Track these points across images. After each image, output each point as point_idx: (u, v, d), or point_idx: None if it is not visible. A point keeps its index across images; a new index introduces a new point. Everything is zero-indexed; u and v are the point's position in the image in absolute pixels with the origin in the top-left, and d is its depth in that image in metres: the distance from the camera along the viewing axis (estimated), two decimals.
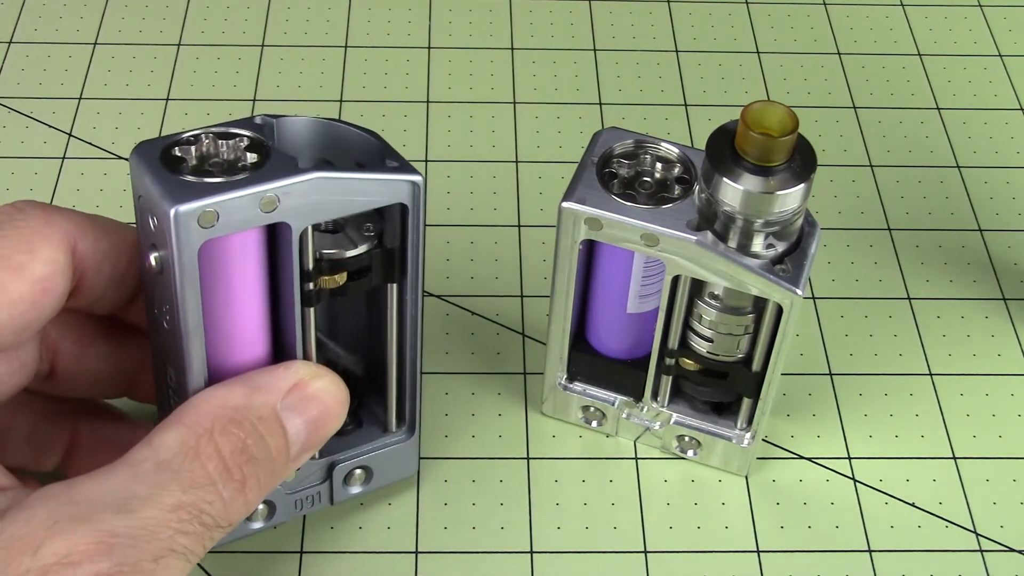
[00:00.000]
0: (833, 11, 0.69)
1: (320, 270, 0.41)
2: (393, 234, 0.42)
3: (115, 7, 0.67)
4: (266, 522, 0.46)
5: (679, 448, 0.50)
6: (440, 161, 0.60)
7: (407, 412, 0.46)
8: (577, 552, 0.47)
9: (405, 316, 0.44)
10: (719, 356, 0.46)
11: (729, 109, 0.63)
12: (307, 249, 0.40)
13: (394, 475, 0.48)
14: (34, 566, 0.34)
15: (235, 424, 0.38)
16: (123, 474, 0.36)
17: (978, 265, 0.57)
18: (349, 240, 0.42)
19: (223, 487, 0.37)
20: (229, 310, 0.40)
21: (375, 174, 0.40)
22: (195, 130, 0.39)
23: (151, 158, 0.38)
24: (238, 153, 0.39)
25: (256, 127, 0.40)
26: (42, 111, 0.62)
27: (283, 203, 0.38)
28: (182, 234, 0.37)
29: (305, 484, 0.46)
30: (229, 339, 0.41)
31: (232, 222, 0.38)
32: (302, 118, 0.42)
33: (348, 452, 0.46)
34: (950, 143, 0.63)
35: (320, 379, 0.41)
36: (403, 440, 0.47)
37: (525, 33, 0.67)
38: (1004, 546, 0.48)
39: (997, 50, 0.67)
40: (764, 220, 0.41)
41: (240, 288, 0.40)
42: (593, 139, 0.45)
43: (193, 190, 0.37)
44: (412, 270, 0.43)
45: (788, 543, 0.48)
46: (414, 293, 0.43)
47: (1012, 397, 0.53)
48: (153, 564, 0.35)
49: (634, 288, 0.46)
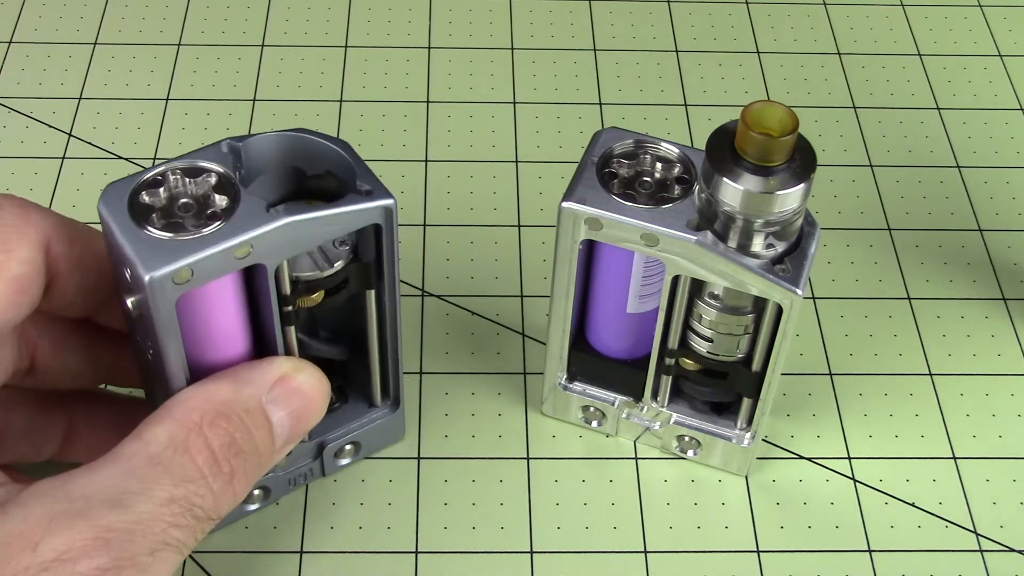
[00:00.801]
0: (833, 11, 0.69)
1: (297, 292, 0.42)
2: (368, 248, 0.42)
3: (115, 7, 0.67)
4: (262, 503, 0.47)
5: (679, 448, 0.50)
6: (440, 161, 0.60)
7: (391, 388, 0.48)
8: (577, 552, 0.47)
9: (384, 312, 0.45)
10: (719, 356, 0.46)
11: (729, 109, 0.63)
12: (283, 277, 0.41)
13: (381, 445, 0.49)
14: (33, 563, 0.34)
15: (223, 418, 0.39)
16: (115, 469, 0.37)
17: (978, 265, 0.57)
18: (323, 256, 0.42)
19: (213, 480, 0.38)
20: (212, 341, 0.41)
21: (346, 207, 0.40)
22: (161, 166, 0.40)
23: (119, 211, 0.38)
24: (207, 191, 0.39)
25: (223, 156, 0.40)
26: (42, 111, 0.62)
27: (256, 248, 0.39)
28: (158, 294, 0.38)
29: (297, 464, 0.47)
30: (213, 363, 0.41)
31: (206, 274, 0.38)
32: (269, 134, 0.42)
33: (337, 431, 0.47)
34: (950, 143, 0.63)
35: (302, 372, 0.42)
36: (389, 413, 0.48)
37: (525, 33, 0.67)
38: (1004, 546, 0.48)
39: (997, 50, 0.67)
40: (764, 220, 0.41)
41: (221, 322, 0.41)
42: (593, 139, 0.45)
43: (165, 250, 0.37)
44: (389, 275, 0.43)
45: (788, 543, 0.48)
46: (392, 293, 0.44)
47: (1012, 397, 0.53)
48: (149, 558, 0.36)
49: (634, 288, 0.46)
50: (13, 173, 0.59)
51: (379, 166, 0.60)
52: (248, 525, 0.47)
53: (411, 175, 0.60)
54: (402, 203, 0.58)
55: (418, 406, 0.51)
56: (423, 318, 0.54)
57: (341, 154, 0.41)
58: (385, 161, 0.60)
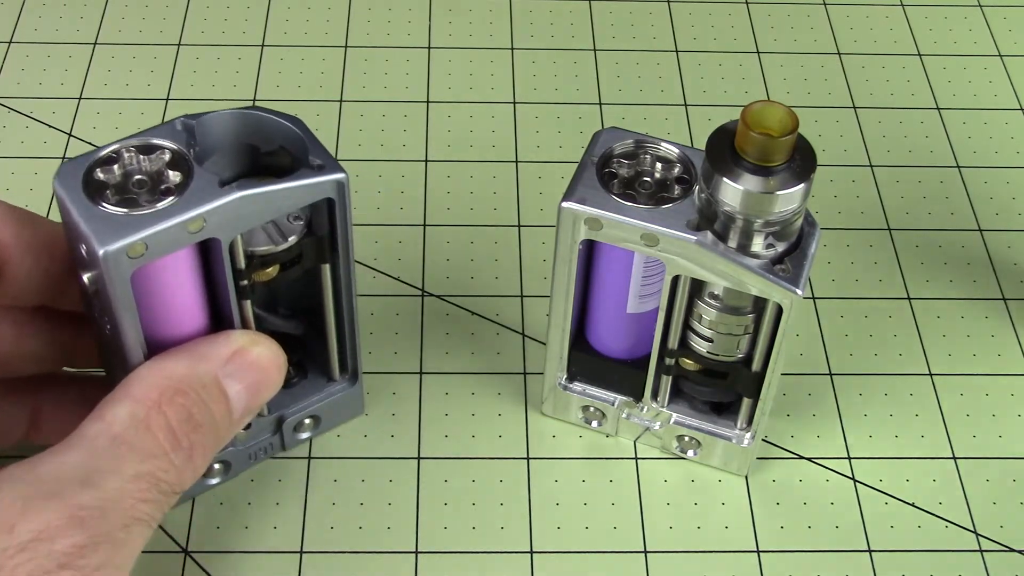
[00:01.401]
0: (833, 11, 0.69)
1: (252, 266, 0.42)
2: (322, 223, 0.43)
3: (115, 7, 0.67)
4: (223, 477, 0.48)
5: (679, 448, 0.50)
6: (440, 161, 0.60)
7: (349, 362, 0.48)
8: (577, 552, 0.47)
9: (340, 286, 0.45)
10: (719, 356, 0.46)
11: (729, 109, 0.63)
12: (237, 251, 0.41)
13: (340, 419, 0.50)
14: (12, 544, 0.35)
15: (180, 394, 0.40)
16: (81, 450, 0.38)
17: (978, 265, 0.57)
18: (278, 230, 0.43)
19: (174, 456, 0.39)
20: (168, 316, 0.42)
21: (298, 181, 0.41)
22: (115, 144, 0.40)
23: (74, 187, 0.39)
24: (161, 167, 0.40)
25: (176, 133, 0.41)
26: (42, 111, 0.62)
27: (210, 222, 0.39)
28: (112, 269, 0.38)
29: (257, 438, 0.48)
30: (170, 338, 0.42)
31: (161, 248, 0.39)
32: (222, 112, 0.42)
33: (296, 405, 0.48)
34: (950, 143, 0.63)
35: (258, 345, 0.42)
36: (347, 388, 0.49)
37: (525, 33, 0.67)
38: (1004, 546, 0.48)
39: (997, 50, 0.67)
40: (764, 220, 0.41)
41: (176, 296, 0.41)
42: (593, 139, 0.45)
43: (119, 225, 0.38)
44: (343, 249, 0.44)
45: (788, 543, 0.48)
46: (347, 267, 0.45)
47: (1012, 397, 0.53)
48: (123, 533, 0.37)
49: (634, 288, 0.46)
50: (13, 173, 0.59)
51: (379, 166, 0.60)
52: (248, 525, 0.47)
53: (411, 175, 0.60)
54: (402, 203, 0.58)
55: (418, 406, 0.51)
56: (423, 318, 0.54)
57: (294, 130, 0.42)
58: (385, 161, 0.60)
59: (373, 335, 0.53)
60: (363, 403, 0.50)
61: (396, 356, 0.53)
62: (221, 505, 0.48)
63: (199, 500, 0.48)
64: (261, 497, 0.48)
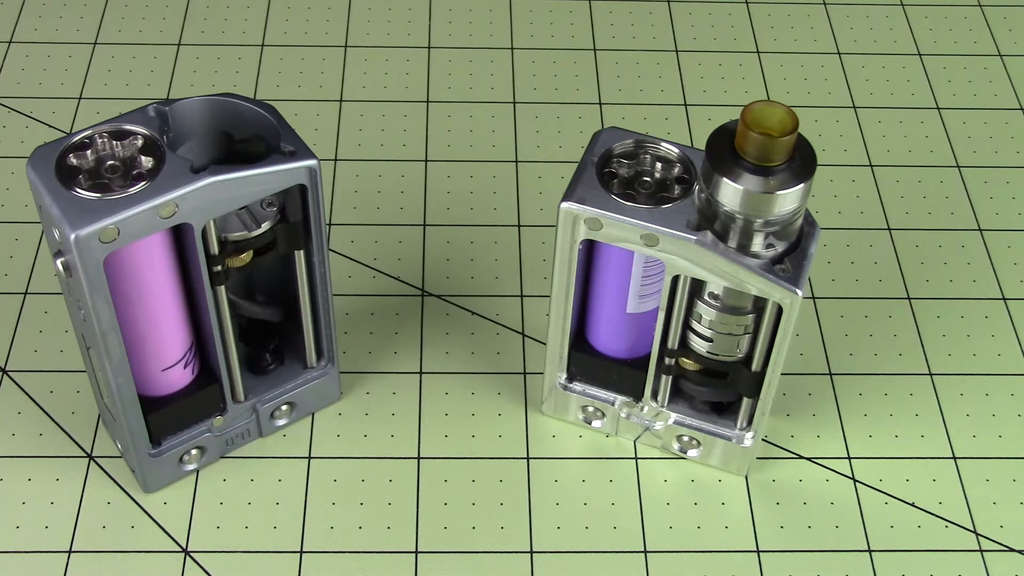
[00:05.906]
0: (833, 11, 0.69)
1: (226, 252, 0.43)
2: (295, 209, 0.43)
3: (115, 7, 0.67)
4: (199, 463, 0.48)
5: (679, 448, 0.50)
6: (440, 161, 0.60)
7: (324, 347, 0.48)
8: (577, 552, 0.47)
9: (315, 273, 0.46)
10: (719, 356, 0.46)
11: (729, 109, 0.63)
12: (210, 237, 0.42)
13: (318, 404, 0.50)
14: None
15: None
16: None
17: (978, 265, 0.57)
18: (251, 216, 0.43)
19: None
20: (142, 301, 0.42)
21: (270, 167, 0.41)
22: (87, 129, 0.40)
23: (47, 172, 0.39)
24: (133, 152, 0.40)
25: (149, 120, 0.41)
26: (42, 111, 0.62)
27: (182, 208, 0.40)
28: (84, 253, 0.38)
29: (234, 424, 0.48)
30: (145, 323, 0.42)
31: (133, 233, 0.39)
32: (196, 99, 0.43)
33: (272, 392, 0.48)
34: (950, 143, 0.63)
35: None
36: (324, 373, 0.49)
37: (525, 33, 0.67)
38: (1004, 546, 0.48)
39: (997, 50, 0.67)
40: (764, 220, 0.41)
41: (150, 282, 0.42)
42: (593, 139, 0.45)
43: (91, 209, 0.38)
44: (317, 236, 0.44)
45: (788, 543, 0.48)
46: (321, 253, 0.45)
47: (1012, 397, 0.53)
48: None
49: (634, 288, 0.46)
50: (13, 173, 0.59)
51: (379, 166, 0.60)
52: (248, 525, 0.47)
53: (411, 175, 0.60)
54: (402, 203, 0.58)
55: (418, 406, 0.51)
56: (423, 318, 0.54)
57: (268, 118, 0.42)
58: (385, 161, 0.60)
59: (373, 335, 0.53)
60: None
61: (396, 356, 0.53)
62: (221, 505, 0.48)
63: (199, 500, 0.48)
64: (261, 497, 0.48)
